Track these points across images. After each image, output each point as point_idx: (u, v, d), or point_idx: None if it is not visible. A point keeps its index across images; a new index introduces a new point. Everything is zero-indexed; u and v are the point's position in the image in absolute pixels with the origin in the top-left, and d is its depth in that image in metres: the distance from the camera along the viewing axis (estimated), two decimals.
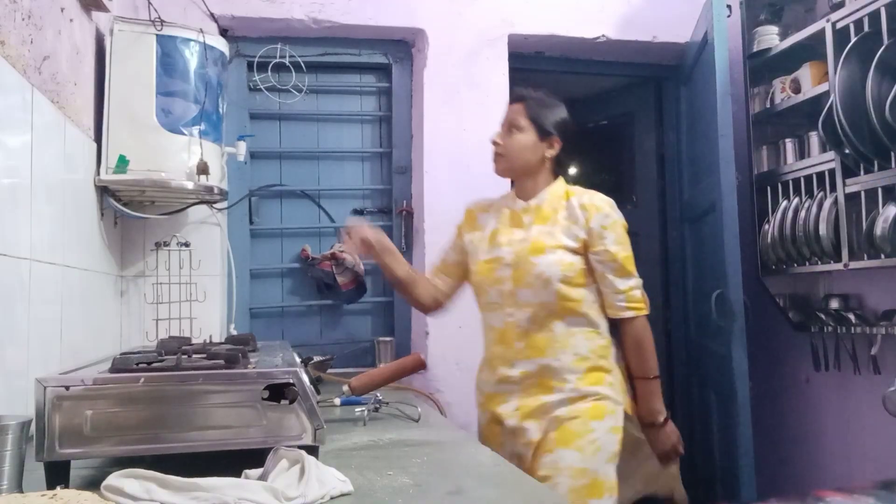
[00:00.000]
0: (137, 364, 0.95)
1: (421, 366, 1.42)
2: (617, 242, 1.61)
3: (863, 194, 2.09)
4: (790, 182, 2.43)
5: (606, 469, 1.53)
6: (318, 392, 1.26)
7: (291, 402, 0.92)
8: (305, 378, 0.94)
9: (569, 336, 1.61)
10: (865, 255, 2.08)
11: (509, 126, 1.70)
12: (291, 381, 0.92)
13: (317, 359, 2.10)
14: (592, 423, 1.55)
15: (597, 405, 1.58)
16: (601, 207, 1.64)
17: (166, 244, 2.08)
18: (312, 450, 0.92)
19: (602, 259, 1.61)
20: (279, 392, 0.92)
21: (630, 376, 1.68)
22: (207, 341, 1.45)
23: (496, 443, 1.58)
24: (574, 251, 1.62)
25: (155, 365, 0.96)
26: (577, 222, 1.63)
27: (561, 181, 1.72)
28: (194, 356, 1.04)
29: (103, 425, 0.87)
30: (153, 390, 0.89)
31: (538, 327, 1.62)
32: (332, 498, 0.84)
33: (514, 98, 1.74)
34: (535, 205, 1.69)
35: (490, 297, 1.67)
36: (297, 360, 1.19)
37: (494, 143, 1.71)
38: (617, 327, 1.67)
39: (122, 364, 0.95)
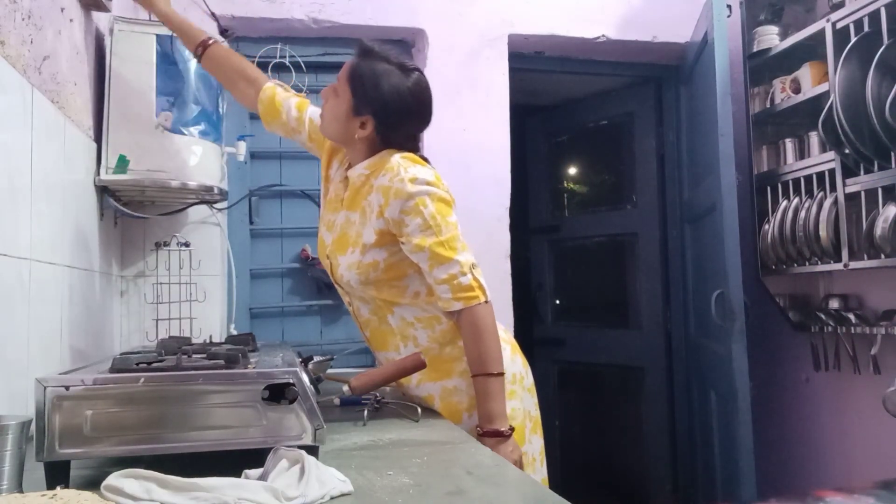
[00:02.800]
0: (137, 364, 0.95)
1: (421, 366, 1.41)
2: (423, 228, 1.36)
3: (863, 194, 2.09)
4: (790, 182, 2.43)
5: None
6: (318, 392, 1.26)
7: (291, 402, 0.92)
8: (305, 378, 0.94)
9: (407, 327, 1.47)
10: (865, 255, 2.08)
11: (334, 86, 1.47)
12: (291, 381, 0.92)
13: (317, 359, 2.10)
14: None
15: (449, 404, 1.46)
16: (400, 190, 1.36)
17: (166, 244, 2.08)
18: (312, 450, 0.92)
19: (410, 250, 1.39)
20: (279, 392, 0.92)
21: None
22: (207, 341, 1.45)
23: None
24: (377, 246, 1.41)
25: (155, 365, 0.96)
26: (374, 211, 1.41)
27: (385, 153, 1.45)
28: (194, 356, 1.04)
29: (103, 425, 0.87)
30: (153, 390, 0.89)
31: (378, 320, 1.50)
32: (332, 498, 0.84)
33: (357, 49, 1.47)
34: (351, 179, 1.49)
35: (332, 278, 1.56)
36: (297, 360, 1.19)
37: (322, 96, 1.50)
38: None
39: (122, 364, 0.95)
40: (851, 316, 2.29)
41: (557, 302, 3.43)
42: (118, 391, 0.89)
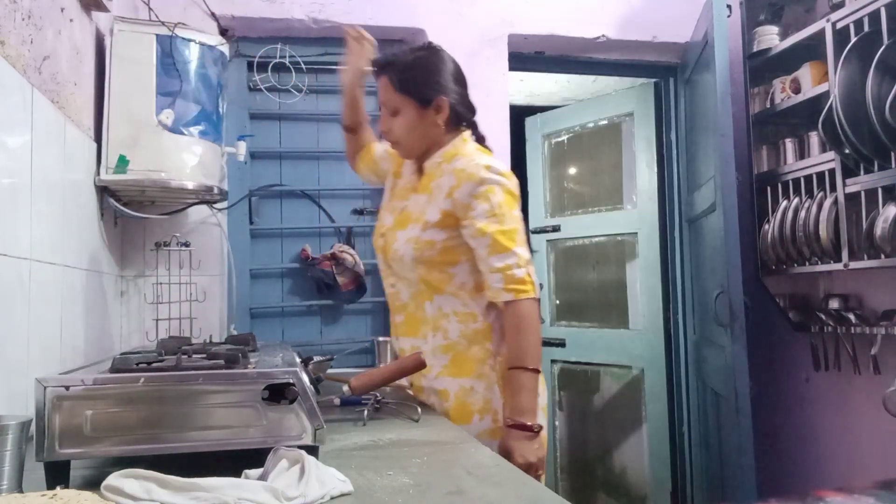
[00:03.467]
0: (137, 364, 0.95)
1: (421, 366, 1.41)
2: (489, 215, 1.39)
3: (863, 194, 2.09)
4: (790, 182, 2.43)
5: None
6: (318, 392, 1.26)
7: (291, 402, 0.92)
8: (305, 378, 0.94)
9: (442, 317, 1.48)
10: (865, 255, 2.08)
11: (385, 108, 1.51)
12: (291, 381, 0.92)
13: (317, 359, 2.10)
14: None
15: (462, 403, 1.46)
16: (473, 174, 1.41)
17: (166, 244, 2.08)
18: (312, 450, 0.92)
19: (471, 234, 1.41)
20: (279, 392, 0.92)
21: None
22: (207, 341, 1.45)
23: None
24: (438, 226, 1.44)
25: (155, 365, 0.96)
26: (443, 192, 1.44)
27: (459, 138, 1.52)
28: (194, 356, 1.04)
29: (103, 425, 0.87)
30: (153, 390, 0.89)
31: (415, 305, 1.52)
32: (332, 498, 0.84)
33: (377, 71, 1.52)
34: (427, 168, 1.54)
35: (379, 262, 1.61)
36: (297, 360, 1.19)
37: (383, 132, 1.54)
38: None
39: (122, 364, 0.95)
40: (851, 316, 2.29)
41: (557, 302, 3.43)
42: (118, 391, 0.89)
